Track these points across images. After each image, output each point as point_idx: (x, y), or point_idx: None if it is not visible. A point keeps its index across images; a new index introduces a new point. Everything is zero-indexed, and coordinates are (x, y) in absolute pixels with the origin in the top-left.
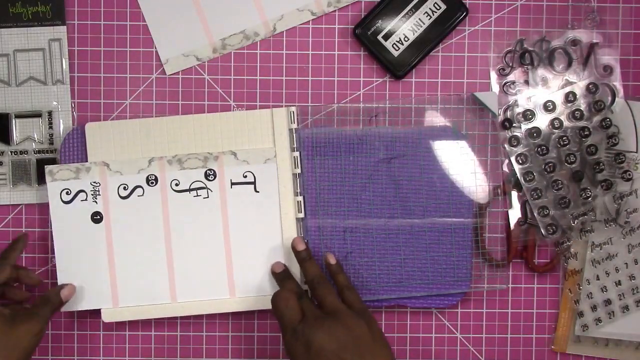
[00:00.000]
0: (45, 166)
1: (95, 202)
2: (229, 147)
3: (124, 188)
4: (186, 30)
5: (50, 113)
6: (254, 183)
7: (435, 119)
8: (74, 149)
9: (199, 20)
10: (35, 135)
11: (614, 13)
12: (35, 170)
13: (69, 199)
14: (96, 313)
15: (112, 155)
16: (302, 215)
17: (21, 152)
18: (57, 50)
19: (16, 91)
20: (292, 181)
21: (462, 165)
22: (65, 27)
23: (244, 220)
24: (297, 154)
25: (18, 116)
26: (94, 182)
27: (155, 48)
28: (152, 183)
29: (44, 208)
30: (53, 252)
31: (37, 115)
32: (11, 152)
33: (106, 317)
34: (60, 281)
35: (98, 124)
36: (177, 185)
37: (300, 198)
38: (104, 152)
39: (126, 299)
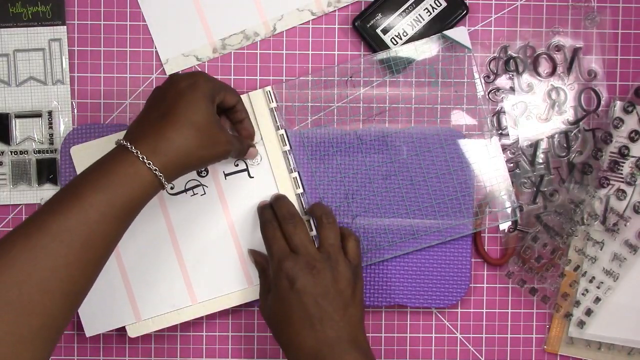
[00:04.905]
0: (41, 198)
1: None
2: None
3: None
4: (186, 30)
5: (50, 113)
6: (246, 170)
7: (434, 118)
8: None
9: (199, 20)
10: (35, 135)
11: (614, 13)
12: (35, 170)
13: None
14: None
15: None
16: (300, 190)
17: (21, 152)
18: (57, 50)
19: (16, 91)
20: (284, 159)
21: (461, 164)
22: (65, 27)
23: (246, 208)
24: (282, 131)
25: (18, 116)
26: None
27: (155, 48)
28: None
29: None
30: None
31: (37, 115)
32: (11, 152)
33: (132, 332)
34: (79, 309)
35: (82, 145)
36: (172, 188)
37: (295, 174)
38: None
39: (148, 311)
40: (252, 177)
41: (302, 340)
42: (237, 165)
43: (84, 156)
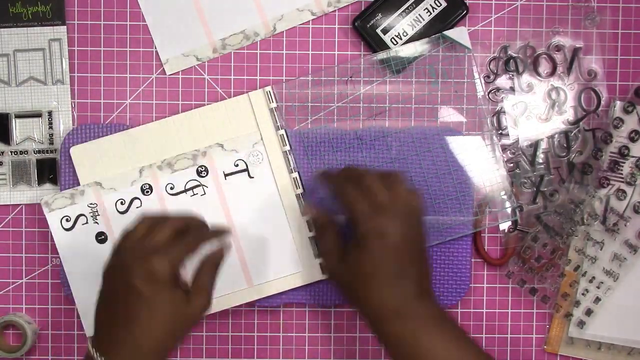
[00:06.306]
0: (41, 198)
1: (97, 222)
2: (214, 140)
3: (121, 203)
4: (186, 30)
5: (50, 113)
6: (246, 170)
7: (434, 118)
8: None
9: (199, 20)
10: (35, 135)
11: (614, 13)
12: (35, 170)
13: (69, 226)
14: None
15: (102, 173)
16: (300, 190)
17: (21, 152)
18: (57, 50)
19: (16, 91)
20: (284, 159)
21: (461, 164)
22: (65, 27)
23: (246, 208)
24: (282, 132)
25: (18, 116)
26: (91, 204)
27: (155, 48)
28: (147, 192)
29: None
30: (53, 252)
31: (37, 115)
32: (11, 152)
33: None
34: (79, 308)
35: (82, 145)
36: (172, 188)
37: (295, 174)
38: (94, 172)
39: None
40: (252, 178)
41: (387, 296)
42: (237, 165)
43: (84, 156)
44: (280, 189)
